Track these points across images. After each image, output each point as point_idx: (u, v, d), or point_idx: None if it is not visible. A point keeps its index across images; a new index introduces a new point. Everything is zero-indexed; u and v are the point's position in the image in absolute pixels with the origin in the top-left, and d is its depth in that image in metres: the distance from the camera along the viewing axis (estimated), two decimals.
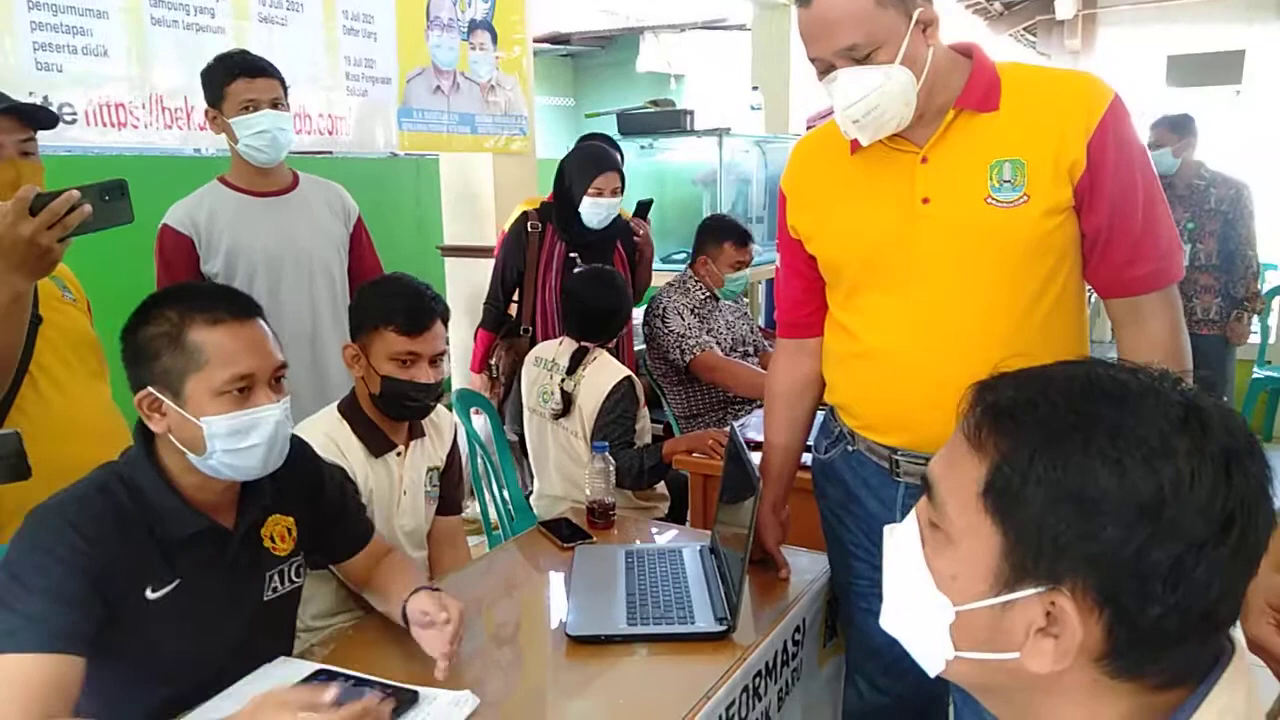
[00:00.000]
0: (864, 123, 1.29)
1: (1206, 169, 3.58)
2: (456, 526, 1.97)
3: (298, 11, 2.80)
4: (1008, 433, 0.65)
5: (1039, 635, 0.63)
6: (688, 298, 3.00)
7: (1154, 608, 0.60)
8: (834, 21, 1.24)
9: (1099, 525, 0.60)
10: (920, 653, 0.72)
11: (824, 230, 1.47)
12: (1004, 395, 0.67)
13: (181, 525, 1.23)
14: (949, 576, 0.68)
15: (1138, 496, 0.59)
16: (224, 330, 1.21)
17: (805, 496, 1.67)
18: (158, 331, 1.21)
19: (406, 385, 1.72)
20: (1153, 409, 0.62)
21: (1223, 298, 3.58)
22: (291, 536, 1.39)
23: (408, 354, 1.71)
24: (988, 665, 0.67)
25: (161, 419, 1.21)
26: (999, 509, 0.64)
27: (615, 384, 2.37)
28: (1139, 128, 1.34)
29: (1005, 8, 7.93)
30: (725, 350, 2.99)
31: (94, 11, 2.29)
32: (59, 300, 1.64)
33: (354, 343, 1.78)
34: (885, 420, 1.45)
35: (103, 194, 1.26)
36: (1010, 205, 1.30)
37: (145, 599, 1.20)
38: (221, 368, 1.20)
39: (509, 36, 3.64)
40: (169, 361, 1.20)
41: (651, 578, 1.60)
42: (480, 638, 1.48)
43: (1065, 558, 0.61)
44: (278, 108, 2.17)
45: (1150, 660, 0.63)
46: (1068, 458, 0.61)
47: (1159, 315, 1.35)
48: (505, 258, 2.94)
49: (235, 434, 1.20)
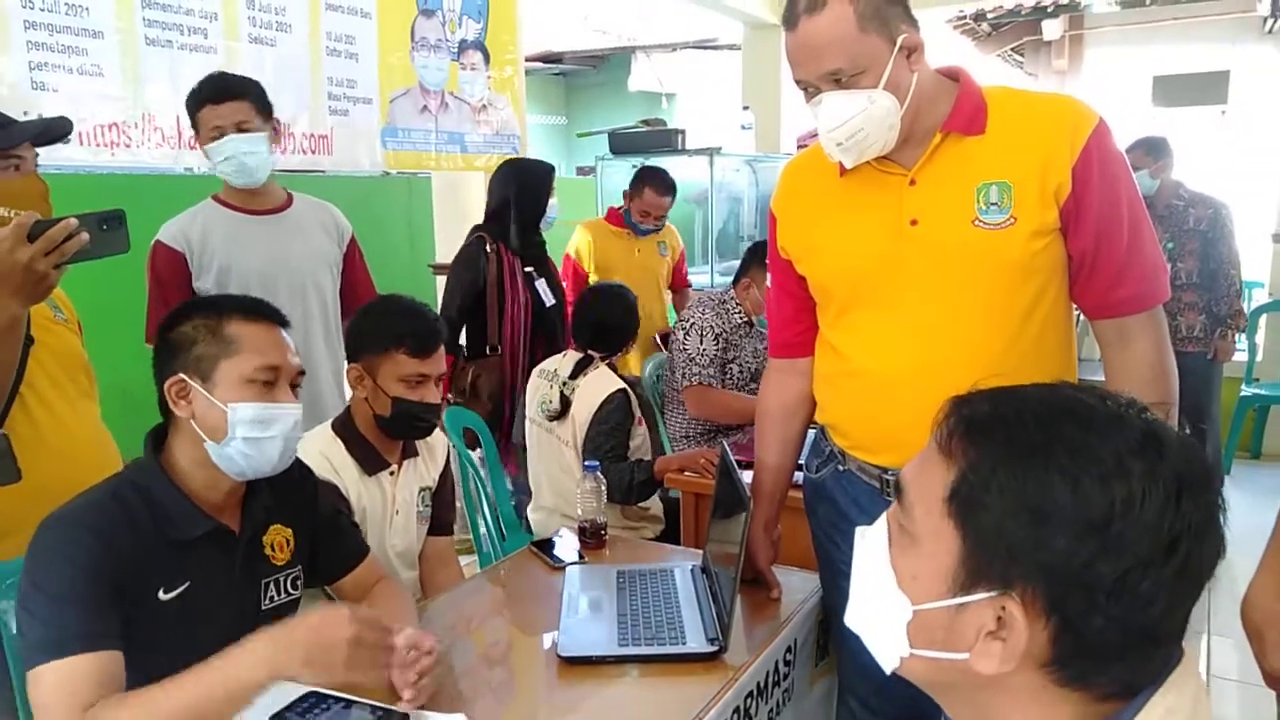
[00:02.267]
0: (848, 146, 1.31)
1: (1185, 189, 3.62)
2: (448, 547, 1.97)
3: (286, 32, 2.82)
4: (976, 444, 0.68)
5: (988, 638, 0.67)
6: (721, 321, 2.90)
7: (1097, 619, 0.63)
8: (819, 46, 1.26)
9: (1051, 536, 0.64)
10: (878, 648, 0.75)
11: (813, 251, 1.48)
12: (978, 409, 0.70)
13: (191, 526, 1.28)
14: (910, 576, 0.72)
15: (1089, 512, 0.63)
16: (259, 326, 1.32)
17: (797, 515, 1.67)
18: (197, 323, 1.30)
19: (417, 406, 1.76)
20: (1114, 432, 0.65)
21: (1206, 315, 3.61)
22: (290, 547, 1.42)
23: (418, 376, 1.75)
24: (939, 664, 0.70)
25: (187, 405, 1.27)
26: (961, 515, 0.68)
27: (609, 394, 2.40)
28: (1122, 149, 1.36)
29: (993, 28, 8.01)
30: (746, 379, 2.93)
31: (89, 32, 2.31)
32: (51, 321, 1.64)
33: (357, 364, 1.79)
34: (875, 440, 1.46)
35: (101, 223, 1.28)
36: (997, 227, 1.31)
37: (159, 599, 1.24)
38: (254, 355, 1.28)
39: (501, 56, 3.66)
40: (204, 349, 1.28)
41: (643, 598, 1.60)
42: (471, 658, 1.48)
43: (1018, 565, 0.65)
44: (245, 130, 2.14)
45: (1095, 671, 0.66)
46: (1028, 471, 0.65)
47: (1145, 336, 1.36)
48: (463, 283, 2.94)
49: (258, 423, 1.27)
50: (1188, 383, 1.45)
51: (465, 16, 3.50)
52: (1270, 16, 7.01)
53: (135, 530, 1.22)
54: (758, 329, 2.99)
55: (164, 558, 1.25)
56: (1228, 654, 2.75)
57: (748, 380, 2.93)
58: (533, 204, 2.98)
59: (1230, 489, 3.61)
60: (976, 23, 7.51)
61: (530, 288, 2.99)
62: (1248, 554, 1.21)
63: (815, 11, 1.25)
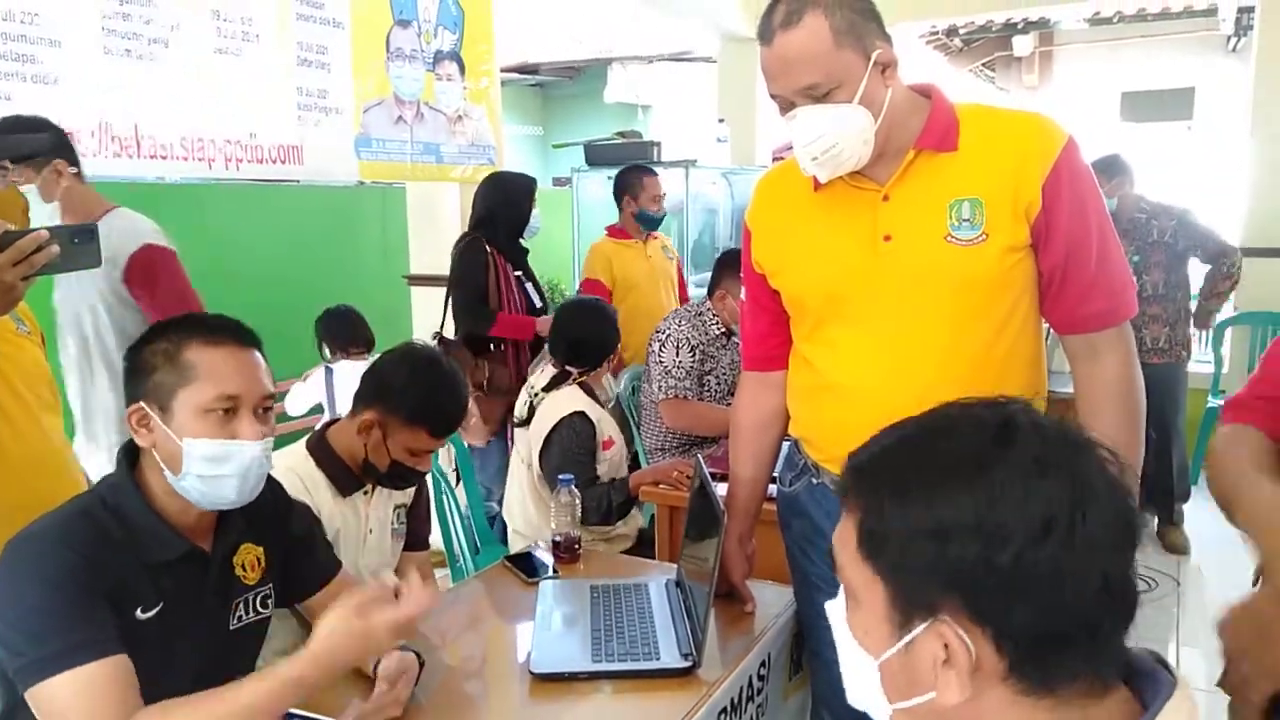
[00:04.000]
0: (822, 160, 1.32)
1: (1146, 201, 3.66)
2: (424, 561, 1.95)
3: (253, 42, 2.79)
4: (865, 488, 0.73)
5: (944, 668, 0.68)
6: (698, 333, 2.89)
7: (1018, 614, 0.66)
8: (794, 61, 1.27)
9: (946, 548, 0.67)
10: (876, 716, 0.77)
11: (787, 266, 1.48)
12: (862, 456, 0.75)
13: (166, 548, 1.24)
14: (863, 633, 0.75)
15: (962, 515, 0.66)
16: (219, 351, 1.24)
17: (771, 529, 1.67)
18: (157, 348, 1.25)
19: (413, 474, 1.76)
20: (970, 433, 0.70)
21: (1171, 327, 3.65)
22: (261, 566, 1.39)
23: (428, 451, 1.74)
24: (917, 712, 0.72)
25: (148, 434, 1.24)
26: (873, 558, 0.71)
27: (564, 416, 2.39)
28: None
29: (965, 44, 8.12)
30: (724, 391, 2.92)
31: (46, 40, 2.27)
32: (13, 333, 1.61)
33: (373, 411, 1.70)
34: (848, 453, 1.45)
35: (72, 237, 1.28)
36: (969, 243, 1.33)
37: (137, 619, 1.21)
38: (210, 385, 1.22)
39: (477, 67, 3.66)
40: (162, 376, 1.23)
41: (617, 613, 1.59)
42: (444, 675, 1.46)
43: (932, 587, 0.68)
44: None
45: (1051, 670, 0.68)
46: (908, 495, 0.69)
47: (1113, 351, 1.38)
48: (472, 282, 3.12)
49: (211, 460, 1.22)
50: (1153, 394, 1.46)
51: (441, 27, 3.49)
52: (1234, 35, 7.15)
53: (110, 549, 1.19)
54: (736, 340, 2.96)
55: (139, 578, 1.21)
56: (1196, 663, 2.78)
57: (725, 392, 2.92)
58: (516, 215, 3.15)
59: (1197, 500, 3.67)
60: (949, 38, 7.61)
61: (521, 289, 3.17)
62: (1215, 564, 1.22)
63: (790, 26, 1.26)
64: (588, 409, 2.43)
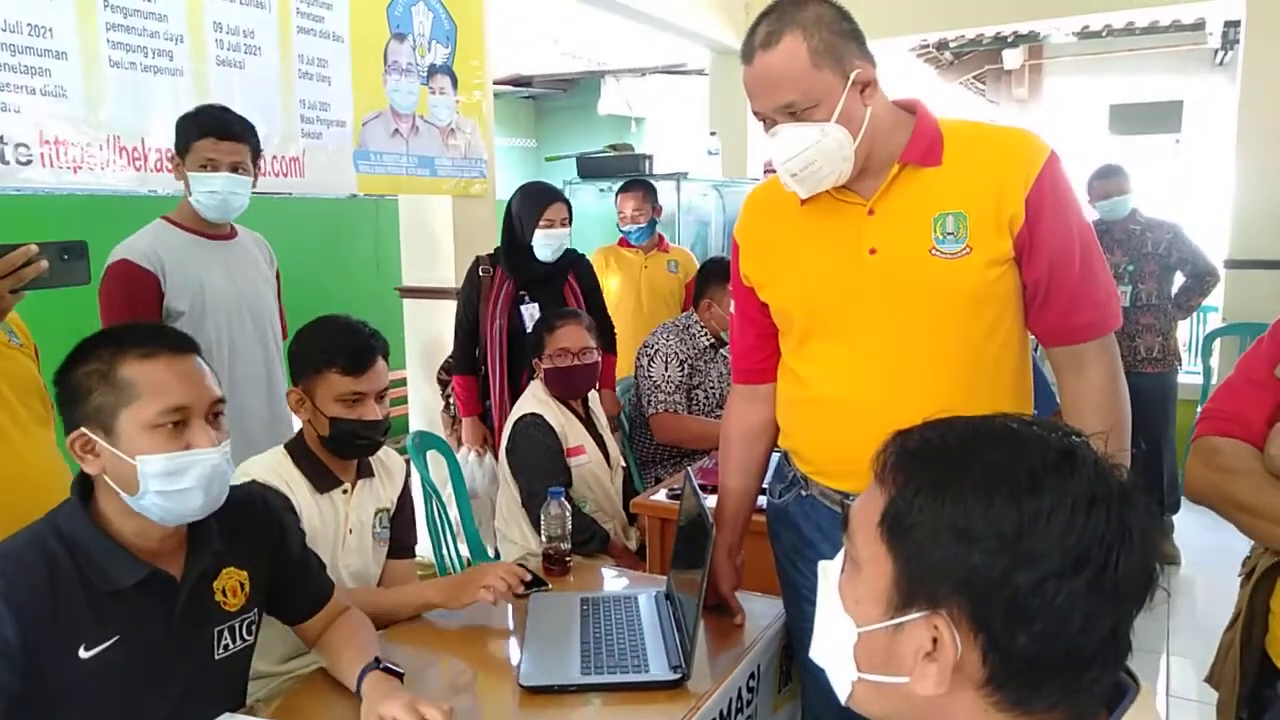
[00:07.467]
0: (801, 177, 1.34)
1: (1140, 214, 3.70)
2: (410, 570, 1.94)
3: (255, 55, 2.81)
4: (905, 470, 0.73)
5: (925, 660, 0.70)
6: (685, 346, 2.89)
7: (1020, 634, 0.67)
8: (773, 80, 1.30)
9: (969, 552, 0.67)
10: (834, 676, 0.79)
11: (775, 279, 1.50)
12: (912, 439, 0.75)
13: (123, 574, 1.19)
14: (854, 601, 0.76)
15: (1001, 526, 0.67)
16: (156, 363, 1.19)
17: (760, 541, 1.68)
18: (89, 369, 1.19)
19: (355, 424, 1.74)
20: (1030, 451, 0.69)
21: (1164, 337, 3.69)
22: (244, 591, 1.35)
23: (353, 394, 1.73)
24: (885, 690, 0.74)
25: (95, 460, 1.19)
26: (891, 538, 0.72)
27: (518, 418, 2.43)
28: (1080, 174, 1.40)
29: (955, 57, 8.17)
30: (713, 404, 2.92)
31: (53, 52, 2.28)
32: (6, 346, 1.62)
33: (297, 387, 1.78)
34: (836, 465, 1.47)
35: (62, 253, 1.28)
36: (954, 256, 1.34)
37: (78, 658, 1.17)
38: (153, 400, 1.18)
39: (469, 81, 3.67)
40: (100, 398, 1.17)
41: (606, 626, 1.60)
42: (433, 688, 1.46)
43: (943, 583, 0.69)
44: (237, 171, 2.19)
45: (1030, 692, 0.69)
46: (948, 492, 0.69)
47: (1099, 362, 1.40)
48: (462, 303, 3.04)
49: (169, 475, 1.17)
50: (1143, 404, 1.48)
51: (434, 41, 3.51)
52: (1220, 49, 7.22)
53: (54, 583, 1.15)
54: (725, 352, 2.95)
55: (87, 611, 1.17)
56: (1187, 674, 2.79)
57: (714, 405, 2.93)
58: (519, 231, 2.92)
59: (1187, 510, 3.68)
60: (939, 51, 7.65)
61: (513, 312, 2.95)
62: (1206, 573, 1.23)
63: (770, 47, 1.29)
64: (545, 412, 2.43)
